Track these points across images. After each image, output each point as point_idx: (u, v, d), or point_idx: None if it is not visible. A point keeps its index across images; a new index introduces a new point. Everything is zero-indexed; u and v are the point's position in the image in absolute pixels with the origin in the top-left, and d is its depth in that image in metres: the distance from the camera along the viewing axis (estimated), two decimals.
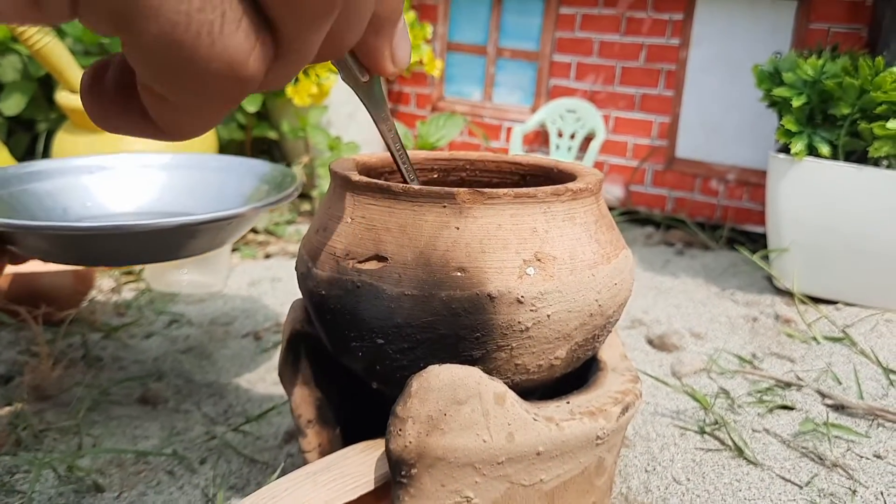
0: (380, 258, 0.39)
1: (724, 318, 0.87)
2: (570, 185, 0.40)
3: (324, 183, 1.17)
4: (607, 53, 1.25)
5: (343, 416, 0.48)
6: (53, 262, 0.53)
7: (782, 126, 0.83)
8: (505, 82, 1.37)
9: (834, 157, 0.83)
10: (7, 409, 0.64)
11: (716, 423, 0.62)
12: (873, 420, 0.63)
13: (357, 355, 0.41)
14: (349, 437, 0.47)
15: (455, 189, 0.38)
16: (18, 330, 0.79)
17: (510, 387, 0.40)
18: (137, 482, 0.54)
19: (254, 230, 1.15)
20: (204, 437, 0.60)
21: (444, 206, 0.38)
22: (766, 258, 0.95)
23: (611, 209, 1.30)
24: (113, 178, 0.68)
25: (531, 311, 0.38)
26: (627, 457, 0.58)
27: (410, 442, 0.38)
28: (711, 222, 1.20)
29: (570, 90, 1.30)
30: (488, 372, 0.39)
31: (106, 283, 0.94)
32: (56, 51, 0.97)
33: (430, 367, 0.38)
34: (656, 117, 1.23)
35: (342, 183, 0.42)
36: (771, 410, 0.65)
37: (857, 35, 1.02)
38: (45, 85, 1.24)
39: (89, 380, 0.71)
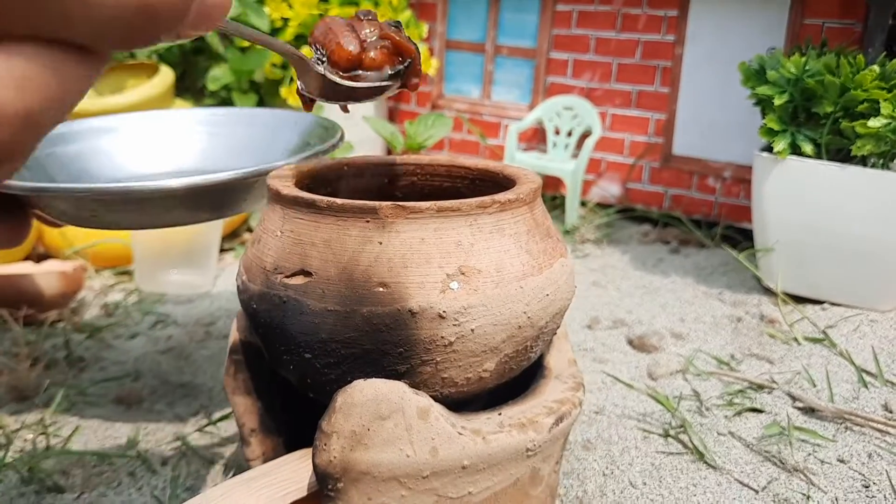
0: (305, 273, 0.39)
1: (709, 318, 0.86)
2: (497, 196, 0.40)
3: None
4: (603, 50, 1.24)
5: (286, 424, 0.48)
6: (79, 225, 0.50)
7: (765, 125, 0.82)
8: (503, 80, 1.36)
9: (818, 155, 0.81)
10: None
11: (681, 426, 0.62)
12: (841, 423, 0.62)
13: (289, 368, 0.42)
14: (293, 444, 0.47)
15: (377, 203, 0.38)
16: (5, 331, 0.81)
17: (440, 400, 0.40)
18: (99, 483, 0.55)
19: (249, 230, 1.16)
20: (171, 438, 0.61)
21: (368, 221, 0.38)
22: (753, 257, 0.94)
23: (608, 207, 1.29)
24: (147, 138, 0.64)
25: (454, 325, 0.38)
26: (587, 460, 0.58)
27: (335, 457, 0.38)
28: (708, 219, 1.19)
29: (567, 87, 1.29)
30: (415, 386, 0.40)
31: (96, 284, 0.96)
32: None
33: (355, 383, 0.38)
34: (653, 114, 1.22)
35: (273, 195, 0.42)
36: (739, 413, 0.65)
37: (851, 30, 1.00)
38: None
39: (70, 380, 0.72)
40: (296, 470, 0.42)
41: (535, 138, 1.34)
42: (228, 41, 1.23)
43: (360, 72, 0.40)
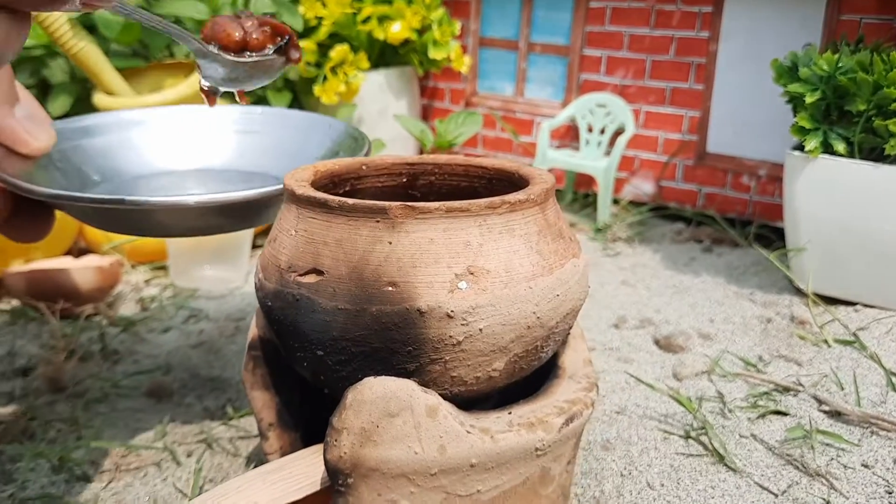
0: (318, 272, 0.40)
1: (738, 319, 0.85)
2: (507, 197, 0.40)
3: None
4: (637, 47, 1.23)
5: (304, 418, 0.49)
6: (98, 228, 0.51)
7: (797, 123, 0.81)
8: (536, 77, 1.36)
9: (850, 154, 0.80)
10: (22, 400, 0.68)
11: (702, 427, 0.62)
12: (867, 428, 0.61)
13: (303, 364, 0.43)
14: (310, 439, 0.48)
15: (388, 203, 0.39)
16: (43, 324, 0.83)
17: (449, 398, 0.41)
18: (126, 474, 0.57)
19: None
20: (197, 431, 0.63)
21: (378, 221, 0.39)
22: (786, 257, 0.92)
23: (640, 205, 1.28)
24: (176, 132, 0.64)
25: (462, 325, 0.39)
26: (605, 460, 0.58)
27: (345, 453, 0.39)
28: (743, 218, 1.18)
29: (600, 84, 1.29)
30: (424, 384, 0.40)
31: (133, 278, 0.98)
32: (92, 55, 1.02)
33: (365, 380, 0.39)
34: (687, 111, 1.21)
35: (289, 195, 0.43)
36: (763, 416, 0.64)
37: (889, 26, 0.98)
38: (90, 86, 1.29)
39: (104, 372, 0.74)
40: (310, 465, 0.43)
41: (568, 136, 1.33)
42: None
43: (248, 52, 0.48)
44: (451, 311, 0.38)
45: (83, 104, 1.29)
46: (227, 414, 0.66)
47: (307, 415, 0.49)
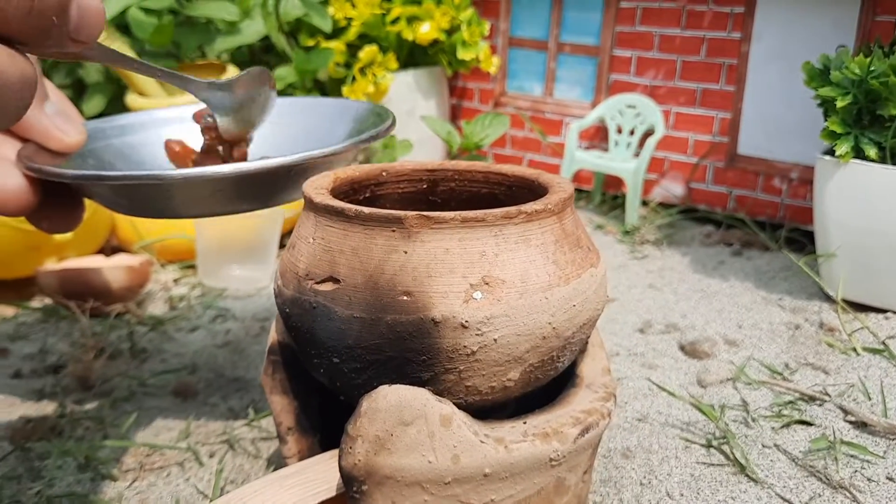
0: (334, 280, 0.40)
1: (766, 325, 0.84)
2: (524, 206, 0.40)
3: None
4: (668, 48, 1.22)
5: (322, 423, 0.49)
6: (127, 213, 0.52)
7: (827, 127, 0.80)
8: (566, 77, 1.35)
9: (882, 159, 0.78)
10: (52, 397, 0.69)
11: (724, 437, 0.61)
12: (894, 440, 0.60)
13: (320, 371, 0.43)
14: (328, 443, 0.49)
15: (403, 213, 0.39)
16: (74, 323, 0.85)
17: (464, 407, 0.41)
18: (150, 473, 0.58)
19: None
20: (221, 431, 0.64)
21: (394, 231, 0.39)
22: (815, 263, 0.91)
23: (670, 207, 1.27)
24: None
25: (477, 335, 0.39)
26: (625, 468, 0.58)
27: (360, 460, 0.39)
28: (774, 221, 1.16)
29: (630, 85, 1.28)
30: (439, 393, 0.40)
31: (163, 277, 0.99)
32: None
33: (380, 388, 0.39)
34: (717, 113, 1.19)
35: (307, 202, 0.43)
36: (787, 425, 0.63)
37: None
38: (124, 87, 1.32)
39: (132, 371, 0.75)
40: (327, 469, 0.44)
41: (598, 137, 1.32)
42: (294, 41, 1.26)
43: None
44: (466, 321, 0.38)
45: (117, 104, 1.32)
46: (249, 415, 0.66)
47: (326, 419, 0.50)
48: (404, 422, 0.39)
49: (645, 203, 1.29)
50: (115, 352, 0.79)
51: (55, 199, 0.48)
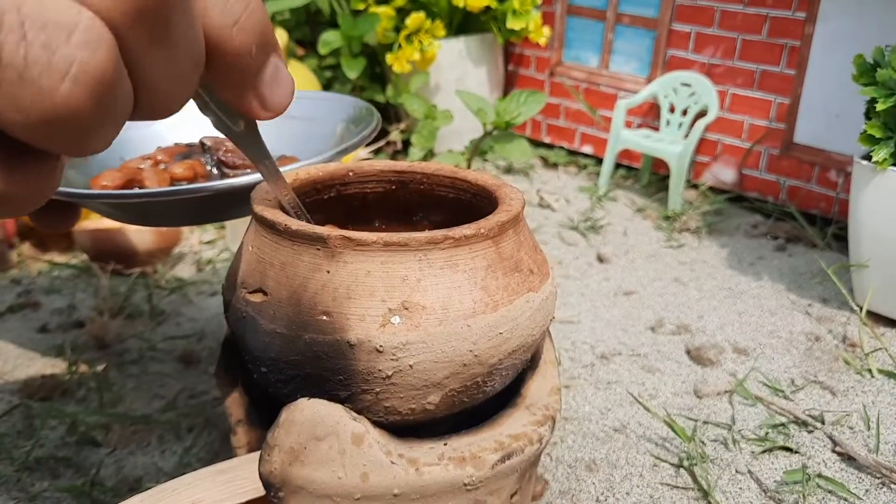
0: (263, 292, 0.41)
1: (785, 334, 0.81)
2: (452, 231, 0.40)
3: (414, 152, 1.19)
4: (728, 24, 1.16)
5: (272, 417, 0.51)
6: (119, 221, 0.55)
7: (866, 131, 0.75)
8: (622, 50, 1.31)
9: None
10: (70, 355, 0.73)
11: (701, 457, 0.60)
12: (879, 478, 0.57)
13: (255, 376, 0.44)
14: None
15: (327, 233, 0.39)
16: (97, 284, 0.89)
17: (385, 425, 0.41)
18: (131, 442, 0.61)
19: None
20: (210, 404, 0.66)
21: (318, 249, 0.39)
22: (847, 270, 0.86)
23: (720, 192, 1.22)
24: (192, 123, 0.63)
25: (391, 360, 0.39)
26: (585, 481, 0.57)
27: (276, 468, 0.40)
28: (827, 216, 1.10)
29: (687, 62, 1.22)
30: (358, 411, 0.41)
31: (194, 239, 1.03)
32: None
33: (299, 401, 0.40)
34: (776, 97, 1.13)
35: (252, 210, 0.44)
36: (769, 451, 0.61)
37: None
38: None
39: (147, 332, 0.79)
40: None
41: (651, 114, 1.28)
42: (340, 6, 1.26)
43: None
44: (381, 345, 0.38)
45: None
46: None
47: (275, 413, 0.51)
48: (317, 437, 0.39)
49: (695, 186, 1.24)
50: (134, 311, 0.83)
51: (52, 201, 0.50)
